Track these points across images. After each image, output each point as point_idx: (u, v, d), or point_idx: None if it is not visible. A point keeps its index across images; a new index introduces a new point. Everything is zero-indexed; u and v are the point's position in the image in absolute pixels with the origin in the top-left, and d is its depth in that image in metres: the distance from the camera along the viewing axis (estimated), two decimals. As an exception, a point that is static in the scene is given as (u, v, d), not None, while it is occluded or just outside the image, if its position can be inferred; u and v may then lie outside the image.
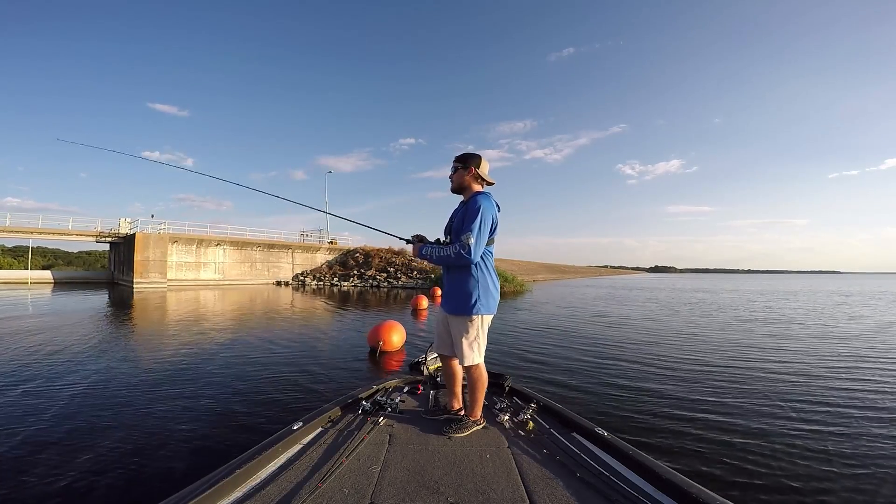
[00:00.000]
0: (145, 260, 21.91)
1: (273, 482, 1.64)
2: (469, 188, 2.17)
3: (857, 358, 5.85)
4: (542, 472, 1.75)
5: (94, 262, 57.07)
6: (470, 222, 1.98)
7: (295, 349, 6.09)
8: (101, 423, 3.15)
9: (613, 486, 1.63)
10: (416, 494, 1.57)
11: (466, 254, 1.97)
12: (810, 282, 52.15)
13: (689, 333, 7.99)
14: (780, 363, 5.46)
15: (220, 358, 5.39)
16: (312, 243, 31.45)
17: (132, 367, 4.91)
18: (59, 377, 4.37)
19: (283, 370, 4.79)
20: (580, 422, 2.17)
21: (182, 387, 4.07)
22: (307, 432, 2.06)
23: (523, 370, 4.93)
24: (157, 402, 3.65)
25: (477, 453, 1.91)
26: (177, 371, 4.67)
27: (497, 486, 1.63)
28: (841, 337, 7.73)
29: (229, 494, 1.54)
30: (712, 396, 3.98)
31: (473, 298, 2.06)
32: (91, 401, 3.66)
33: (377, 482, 1.64)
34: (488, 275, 2.11)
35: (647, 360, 5.57)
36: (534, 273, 41.48)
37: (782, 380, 4.63)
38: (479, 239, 1.98)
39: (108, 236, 25.42)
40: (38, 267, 38.14)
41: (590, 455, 1.89)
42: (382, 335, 5.86)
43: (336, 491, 1.58)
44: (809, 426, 3.27)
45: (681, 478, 1.59)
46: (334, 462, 1.78)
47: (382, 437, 2.06)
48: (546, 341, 6.99)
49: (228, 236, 26.85)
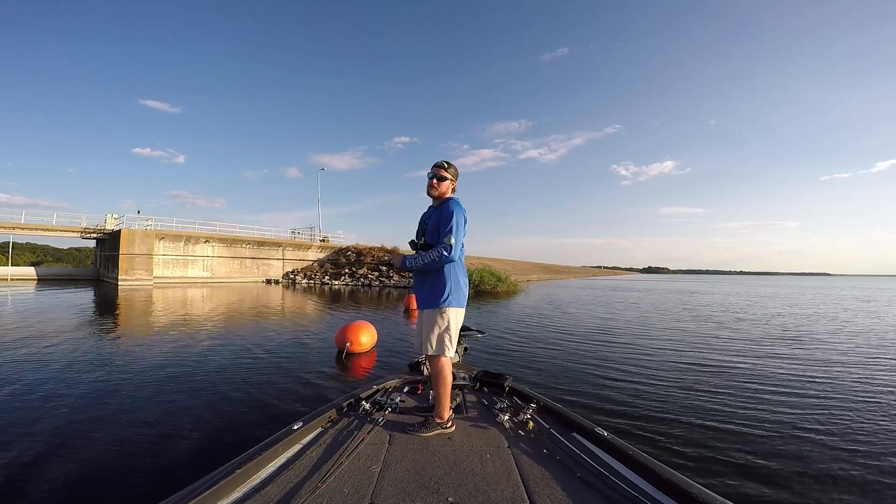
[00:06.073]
0: (130, 256, 21.48)
1: (273, 482, 1.62)
2: (446, 195, 2.32)
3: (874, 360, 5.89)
4: (542, 472, 1.76)
5: (84, 258, 55.74)
6: (447, 224, 2.13)
7: (255, 352, 5.65)
8: (87, 427, 3.08)
9: (613, 486, 1.64)
10: (416, 494, 1.56)
11: (448, 253, 2.11)
12: (812, 283, 52.06)
13: (690, 334, 8.09)
14: (780, 363, 5.53)
15: (183, 360, 5.11)
16: (304, 241, 31.15)
17: (109, 370, 4.78)
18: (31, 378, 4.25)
19: (238, 376, 4.44)
20: (580, 422, 2.19)
21: (152, 391, 3.90)
22: (307, 432, 2.04)
23: (523, 370, 4.94)
24: (145, 405, 3.58)
25: (477, 453, 1.91)
26: (149, 375, 4.49)
27: (497, 486, 1.63)
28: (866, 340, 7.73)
29: (229, 494, 1.52)
30: (712, 396, 4.03)
31: (446, 293, 2.18)
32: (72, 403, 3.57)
33: (377, 482, 1.64)
34: (460, 271, 2.25)
35: (647, 360, 5.63)
36: (528, 273, 41.70)
37: (783, 380, 4.70)
38: (458, 239, 2.14)
39: (93, 232, 24.81)
40: (26, 263, 37.05)
41: (590, 455, 1.90)
42: (349, 336, 5.50)
43: (336, 491, 1.57)
44: (810, 427, 3.31)
45: (681, 478, 1.61)
46: (334, 462, 1.77)
47: (382, 437, 2.06)
48: (545, 341, 7.01)
49: (217, 233, 26.46)
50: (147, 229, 23.07)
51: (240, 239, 27.24)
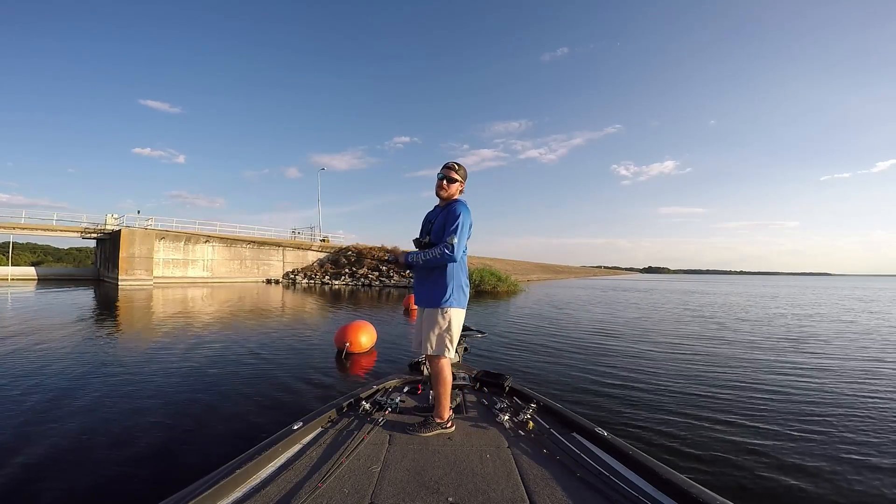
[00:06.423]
0: (130, 257, 21.49)
1: (273, 482, 1.62)
2: (454, 196, 2.35)
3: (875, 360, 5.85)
4: (542, 472, 1.76)
5: (85, 258, 55.86)
6: (452, 225, 2.17)
7: (255, 352, 5.64)
8: (88, 427, 3.08)
9: (613, 486, 1.64)
10: (416, 494, 1.56)
11: (450, 252, 2.13)
12: (813, 283, 52.29)
13: (691, 334, 8.08)
14: (781, 364, 5.52)
15: (183, 361, 5.14)
16: (304, 241, 31.16)
17: (109, 370, 4.79)
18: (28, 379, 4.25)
19: (238, 377, 4.44)
20: (580, 422, 2.19)
21: (142, 391, 3.94)
22: (307, 432, 2.04)
23: (523, 370, 4.94)
24: (145, 405, 3.59)
25: (477, 453, 1.91)
26: (148, 375, 4.54)
27: (497, 486, 1.63)
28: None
29: (229, 494, 1.52)
30: (712, 396, 4.03)
31: (448, 293, 2.20)
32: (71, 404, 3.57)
33: (377, 482, 1.64)
34: (461, 272, 2.27)
35: (648, 360, 5.62)
36: (528, 273, 41.67)
37: (783, 380, 4.69)
38: (461, 240, 2.17)
39: (93, 232, 24.83)
40: (26, 263, 37.06)
41: (590, 455, 1.90)
42: (349, 336, 5.52)
43: (336, 491, 1.57)
44: (811, 426, 3.31)
45: (681, 478, 1.61)
46: (334, 462, 1.77)
47: (382, 437, 2.06)
48: (545, 341, 7.01)
49: (217, 233, 26.47)
50: (147, 229, 23.07)
51: (240, 239, 27.25)
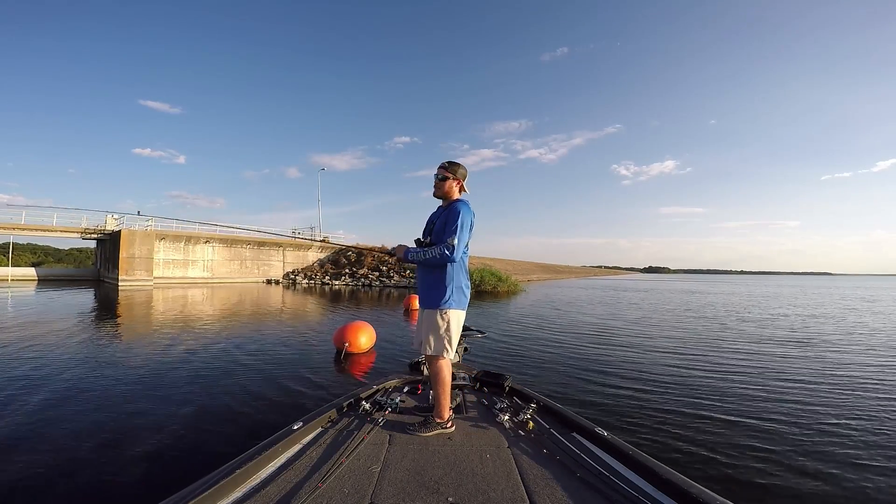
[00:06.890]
0: (131, 257, 21.51)
1: (273, 482, 1.62)
2: (451, 195, 2.32)
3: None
4: (542, 472, 1.75)
5: (85, 259, 55.84)
6: (452, 225, 2.16)
7: (254, 352, 5.67)
8: (87, 427, 3.09)
9: (613, 486, 1.64)
10: (416, 494, 1.56)
11: (450, 253, 2.13)
12: (814, 283, 52.12)
13: (692, 334, 8.08)
14: (784, 364, 5.52)
15: (183, 361, 5.15)
16: (304, 241, 31.15)
17: (109, 371, 4.79)
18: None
19: (238, 377, 4.45)
20: (580, 422, 2.18)
21: (152, 392, 3.96)
22: (307, 432, 2.04)
23: (523, 370, 4.94)
24: (145, 405, 3.59)
25: (477, 453, 1.91)
26: (148, 375, 4.54)
27: (497, 486, 1.63)
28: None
29: (229, 494, 1.52)
30: (712, 396, 4.03)
31: (448, 294, 2.20)
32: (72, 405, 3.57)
33: (377, 482, 1.64)
34: (462, 273, 2.27)
35: (648, 361, 5.62)
36: (528, 273, 41.66)
37: (783, 380, 4.69)
38: (461, 241, 2.16)
39: (93, 233, 24.82)
40: (27, 264, 37.09)
41: (590, 455, 1.90)
42: (348, 336, 5.50)
43: (336, 491, 1.57)
44: (812, 426, 3.31)
45: (681, 478, 1.61)
46: (334, 462, 1.77)
47: (382, 437, 2.06)
48: (545, 341, 7.02)
49: (217, 233, 26.43)
50: (147, 230, 23.05)
51: (240, 239, 27.23)
